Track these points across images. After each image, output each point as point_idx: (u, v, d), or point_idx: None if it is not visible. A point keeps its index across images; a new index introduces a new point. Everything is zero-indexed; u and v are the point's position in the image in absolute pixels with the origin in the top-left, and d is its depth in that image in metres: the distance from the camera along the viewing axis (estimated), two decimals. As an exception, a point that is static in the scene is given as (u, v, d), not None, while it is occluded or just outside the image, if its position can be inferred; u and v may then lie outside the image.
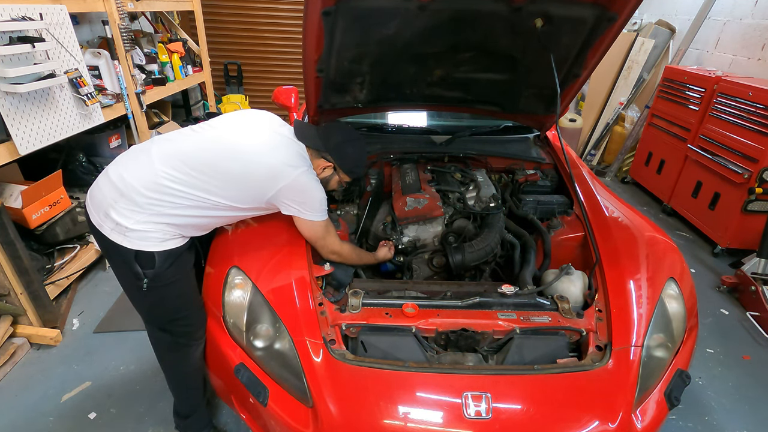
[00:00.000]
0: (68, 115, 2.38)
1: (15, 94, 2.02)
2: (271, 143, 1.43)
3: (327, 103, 1.90)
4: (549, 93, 1.94)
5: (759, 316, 2.61)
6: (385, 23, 1.50)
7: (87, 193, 1.42)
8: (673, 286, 1.50)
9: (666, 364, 1.37)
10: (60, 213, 2.52)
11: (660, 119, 4.11)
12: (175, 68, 3.83)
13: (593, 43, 1.60)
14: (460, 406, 1.18)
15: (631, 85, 4.81)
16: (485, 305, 1.47)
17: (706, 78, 3.53)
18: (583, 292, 1.57)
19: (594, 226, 1.72)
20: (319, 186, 1.48)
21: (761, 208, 3.03)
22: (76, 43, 2.42)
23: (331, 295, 1.56)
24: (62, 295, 2.53)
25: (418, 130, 2.44)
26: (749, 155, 3.00)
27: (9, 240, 2.07)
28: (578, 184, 1.92)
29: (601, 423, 1.18)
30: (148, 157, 1.36)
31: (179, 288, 1.43)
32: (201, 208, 1.37)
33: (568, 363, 1.32)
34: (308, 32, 1.40)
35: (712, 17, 4.13)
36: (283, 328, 1.34)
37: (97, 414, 1.90)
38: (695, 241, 3.57)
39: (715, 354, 2.37)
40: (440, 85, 1.96)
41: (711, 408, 2.04)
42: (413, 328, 1.38)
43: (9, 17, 1.99)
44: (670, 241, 1.71)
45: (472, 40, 1.65)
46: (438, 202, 1.90)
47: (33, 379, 2.06)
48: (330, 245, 1.56)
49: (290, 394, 1.29)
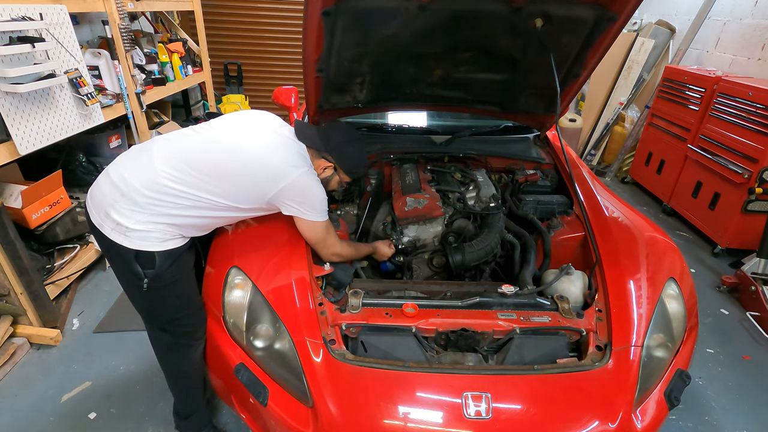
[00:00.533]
0: (68, 115, 2.38)
1: (15, 94, 2.02)
2: (271, 144, 1.43)
3: (327, 103, 1.90)
4: (549, 93, 1.94)
5: (759, 316, 2.61)
6: (385, 23, 1.50)
7: (87, 193, 1.42)
8: (673, 286, 1.50)
9: (666, 364, 1.37)
10: (60, 213, 2.52)
11: (660, 119, 4.11)
12: (175, 68, 3.83)
13: (593, 43, 1.60)
14: (460, 406, 1.18)
15: (631, 85, 4.81)
16: (485, 305, 1.47)
17: (706, 78, 3.53)
18: (583, 292, 1.57)
19: (594, 226, 1.72)
20: (320, 186, 1.48)
21: (761, 208, 3.03)
22: (76, 43, 2.42)
23: (331, 295, 1.56)
24: (62, 295, 2.53)
25: (418, 130, 2.44)
26: (749, 155, 3.00)
27: (9, 240, 2.07)
28: (578, 184, 1.92)
29: (601, 423, 1.18)
30: (149, 157, 1.36)
31: (179, 288, 1.43)
32: (201, 208, 1.37)
33: (568, 363, 1.32)
34: (308, 32, 1.40)
35: (712, 17, 4.13)
36: (283, 328, 1.34)
37: (97, 414, 1.90)
38: (695, 241, 3.57)
39: (715, 354, 2.37)
40: (440, 85, 1.96)
41: (711, 408, 2.04)
42: (413, 328, 1.38)
43: (9, 17, 1.99)
44: (670, 241, 1.71)
45: (472, 40, 1.65)
46: (438, 202, 1.90)
47: (33, 379, 2.06)
48: (330, 246, 1.56)
49: (290, 394, 1.29)
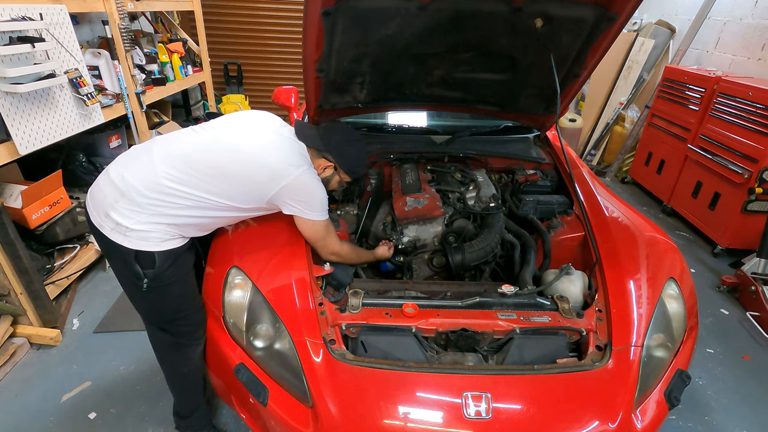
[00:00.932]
0: (68, 115, 2.38)
1: (15, 94, 2.02)
2: (272, 143, 1.43)
3: (327, 103, 1.90)
4: (549, 93, 1.94)
5: (759, 316, 2.61)
6: (385, 23, 1.50)
7: (87, 193, 1.42)
8: (673, 286, 1.50)
9: (666, 364, 1.37)
10: (60, 213, 2.52)
11: (660, 119, 4.11)
12: (175, 68, 3.83)
13: (593, 43, 1.60)
14: (460, 406, 1.18)
15: (631, 85, 4.81)
16: (485, 305, 1.47)
17: (706, 78, 3.53)
18: (583, 292, 1.57)
19: (594, 226, 1.72)
20: (320, 185, 1.48)
21: (761, 208, 3.03)
22: (76, 43, 2.42)
23: (331, 295, 1.56)
24: (62, 295, 2.53)
25: (418, 130, 2.44)
26: (749, 155, 3.00)
27: (9, 240, 2.07)
28: (578, 184, 1.92)
29: (601, 423, 1.18)
30: (149, 157, 1.36)
31: (179, 288, 1.43)
32: (202, 208, 1.38)
33: (568, 363, 1.32)
34: (308, 32, 1.40)
35: (712, 17, 4.13)
36: (283, 328, 1.34)
37: (97, 414, 1.90)
38: (695, 241, 3.57)
39: (715, 354, 2.37)
40: (440, 85, 1.96)
41: (711, 408, 2.04)
42: (413, 328, 1.38)
43: (9, 17, 1.99)
44: (670, 241, 1.71)
45: (472, 40, 1.65)
46: (438, 202, 1.90)
47: (33, 379, 2.06)
48: (330, 246, 1.56)
49: (290, 394, 1.29)
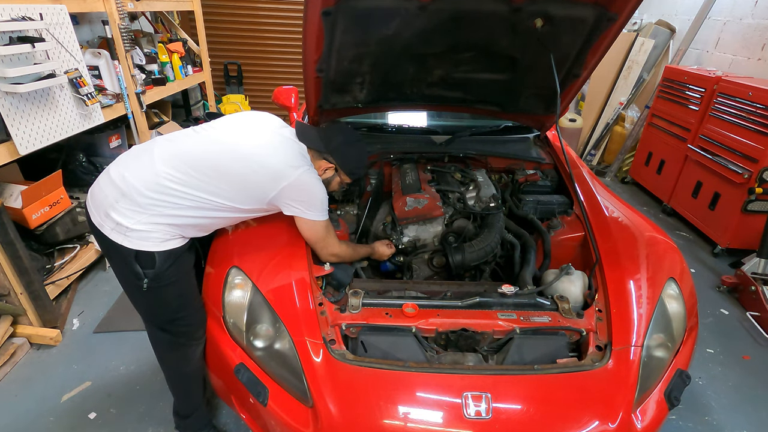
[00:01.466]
0: (68, 115, 2.38)
1: (15, 94, 2.02)
2: (272, 144, 1.43)
3: (327, 103, 1.90)
4: (549, 93, 1.93)
5: (759, 316, 2.61)
6: (385, 23, 1.50)
7: (87, 193, 1.42)
8: (673, 286, 1.50)
9: (666, 364, 1.37)
10: (60, 213, 2.52)
11: (660, 119, 4.11)
12: (175, 68, 3.83)
13: (593, 43, 1.60)
14: (460, 406, 1.18)
15: (631, 85, 4.81)
16: (485, 305, 1.47)
17: (706, 78, 3.53)
18: (583, 292, 1.57)
19: (594, 226, 1.72)
20: (320, 185, 1.48)
21: (761, 208, 3.03)
22: (76, 43, 2.42)
23: (331, 295, 1.56)
24: (62, 295, 2.53)
25: (418, 130, 2.44)
26: (749, 155, 3.00)
27: (9, 240, 2.07)
28: (578, 184, 1.92)
29: (601, 423, 1.18)
30: (150, 157, 1.36)
31: (179, 288, 1.43)
32: (202, 209, 1.38)
33: (568, 363, 1.32)
34: (308, 32, 1.40)
35: (712, 17, 4.13)
36: (283, 328, 1.34)
37: (97, 414, 1.90)
38: (695, 241, 3.57)
39: (715, 354, 2.37)
40: (440, 85, 1.96)
41: (711, 408, 2.04)
42: (413, 328, 1.38)
43: (9, 17, 1.99)
44: (670, 241, 1.71)
45: (472, 40, 1.65)
46: (438, 202, 1.90)
47: (33, 379, 2.06)
48: (330, 246, 1.56)
49: (290, 394, 1.29)
